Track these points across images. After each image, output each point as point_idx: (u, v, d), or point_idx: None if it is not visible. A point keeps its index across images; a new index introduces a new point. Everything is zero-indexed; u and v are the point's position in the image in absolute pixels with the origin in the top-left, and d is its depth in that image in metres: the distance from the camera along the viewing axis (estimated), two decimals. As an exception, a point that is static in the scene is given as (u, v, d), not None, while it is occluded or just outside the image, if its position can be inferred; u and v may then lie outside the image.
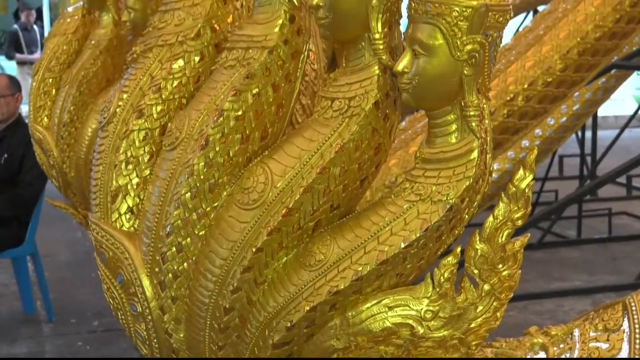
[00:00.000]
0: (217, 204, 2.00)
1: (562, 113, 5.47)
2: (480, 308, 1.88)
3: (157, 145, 2.18)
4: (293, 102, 2.05)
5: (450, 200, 1.80)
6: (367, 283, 1.84)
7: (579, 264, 6.40)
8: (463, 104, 1.80)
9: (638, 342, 2.03)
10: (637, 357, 2.02)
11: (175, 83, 2.20)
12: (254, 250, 1.92)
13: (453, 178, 1.81)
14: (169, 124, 2.15)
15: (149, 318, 2.12)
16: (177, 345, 2.12)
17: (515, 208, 1.83)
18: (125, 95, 2.25)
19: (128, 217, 2.19)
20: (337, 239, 1.89)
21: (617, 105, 11.43)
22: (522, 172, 1.83)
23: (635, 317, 2.07)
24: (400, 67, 1.80)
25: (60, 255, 6.53)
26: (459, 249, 1.84)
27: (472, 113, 1.79)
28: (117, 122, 2.23)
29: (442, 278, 1.84)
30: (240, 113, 1.98)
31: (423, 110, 1.96)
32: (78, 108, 3.69)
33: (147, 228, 2.12)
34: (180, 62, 2.20)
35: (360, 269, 1.83)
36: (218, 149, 1.98)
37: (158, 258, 2.07)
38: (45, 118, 3.93)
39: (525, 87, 4.52)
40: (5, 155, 5.03)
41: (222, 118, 1.98)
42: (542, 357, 2.06)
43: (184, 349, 2.12)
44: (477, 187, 1.83)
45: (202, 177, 1.99)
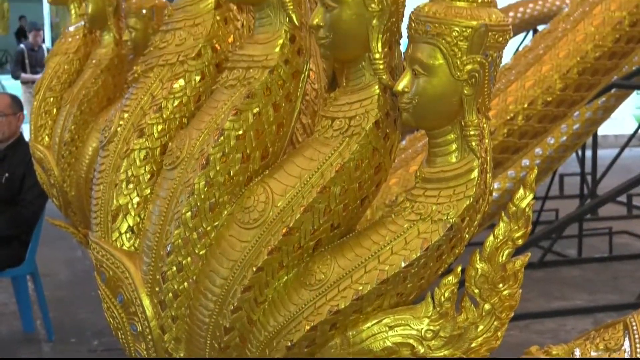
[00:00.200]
0: (217, 223, 2.00)
1: (562, 132, 5.49)
2: (481, 327, 1.87)
3: (157, 165, 2.18)
4: (294, 121, 2.05)
5: (451, 220, 1.80)
6: (367, 302, 1.84)
7: (580, 283, 6.39)
8: (463, 124, 1.80)
9: (639, 361, 2.03)
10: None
11: (176, 102, 2.20)
12: (255, 270, 1.91)
13: (453, 197, 1.81)
14: (170, 143, 2.16)
15: (149, 337, 2.12)
16: (177, 365, 2.12)
17: (516, 227, 1.83)
18: (126, 115, 2.25)
19: (128, 236, 2.19)
20: (337, 258, 1.89)
21: (617, 124, 11.44)
22: (522, 191, 1.83)
23: (637, 336, 2.06)
24: (401, 86, 1.80)
25: (60, 275, 6.52)
26: (460, 268, 1.84)
27: (472, 132, 1.80)
28: (118, 141, 2.24)
29: (442, 297, 1.83)
30: (241, 132, 1.98)
31: (423, 130, 1.96)
32: (79, 127, 3.70)
33: (147, 247, 2.12)
34: (181, 81, 2.21)
35: (361, 288, 1.83)
36: (219, 168, 1.98)
37: (158, 277, 2.07)
38: (46, 137, 3.94)
39: (525, 106, 4.52)
40: (6, 175, 5.03)
41: (222, 137, 1.98)
42: (543, 376, 2.06)
43: (184, 369, 2.12)
44: (477, 206, 1.83)
45: (202, 196, 1.99)
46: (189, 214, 2.00)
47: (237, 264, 1.94)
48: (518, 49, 6.64)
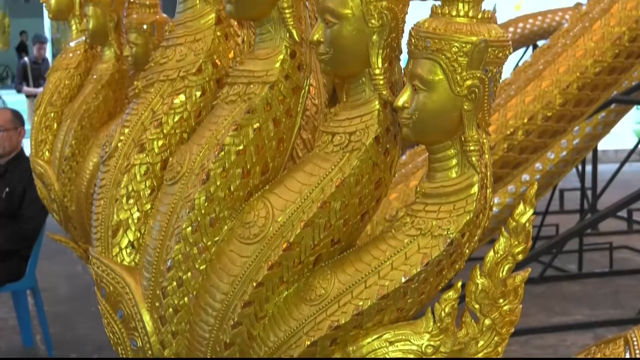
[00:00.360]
0: (218, 238, 2.00)
1: (562, 147, 5.50)
2: (482, 343, 1.87)
3: (158, 180, 2.19)
4: (294, 136, 2.06)
5: (451, 235, 1.80)
6: (368, 318, 1.84)
7: (581, 298, 6.38)
8: (463, 139, 1.80)
9: (640, 377, 2.02)
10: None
11: (177, 118, 2.20)
12: (255, 285, 1.91)
13: (453, 212, 1.81)
14: (170, 159, 2.16)
15: (150, 353, 2.12)
16: (177, 380, 2.11)
17: (516, 242, 1.83)
18: (127, 130, 2.25)
19: (129, 251, 2.19)
20: (337, 274, 1.89)
21: (617, 140, 11.45)
22: (522, 206, 1.83)
23: (637, 351, 2.06)
24: (401, 102, 1.81)
25: (60, 289, 6.52)
26: (460, 284, 1.84)
27: (472, 148, 1.80)
28: (118, 156, 2.24)
29: (443, 313, 1.83)
30: (242, 148, 1.99)
31: (423, 145, 1.96)
32: (79, 142, 3.71)
33: (147, 262, 2.12)
34: (182, 97, 2.22)
35: (361, 304, 1.82)
36: (219, 184, 1.98)
37: (159, 292, 2.07)
38: (47, 152, 3.95)
39: (525, 121, 4.53)
40: (7, 189, 5.04)
41: (223, 152, 1.99)
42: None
43: (184, 384, 2.11)
44: (477, 221, 1.83)
45: (203, 211, 1.99)
46: (190, 229, 2.00)
47: (237, 279, 1.94)
48: (518, 64, 6.67)
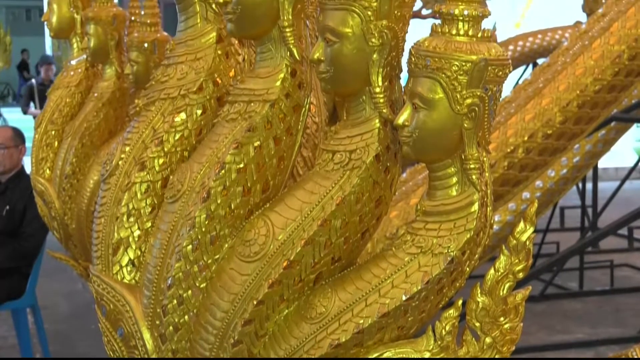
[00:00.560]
0: (218, 257, 2.00)
1: (562, 165, 5.50)
2: (482, 361, 1.87)
3: (159, 198, 2.19)
4: (294, 154, 2.06)
5: (451, 253, 1.80)
6: (368, 336, 1.84)
7: (582, 316, 6.37)
8: (463, 157, 1.81)
9: (641, 395, 2.02)
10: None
11: (178, 136, 2.21)
12: (255, 303, 1.91)
13: (454, 231, 1.81)
14: (171, 177, 2.16)
15: (149, 371, 2.11)
16: (177, 399, 2.11)
17: (517, 260, 1.83)
18: (128, 148, 2.26)
19: (129, 269, 2.19)
20: (338, 292, 1.89)
21: (617, 157, 11.45)
22: (522, 224, 1.83)
23: (638, 370, 2.06)
24: (401, 120, 1.81)
25: (60, 307, 6.50)
26: (461, 302, 1.84)
27: (472, 166, 1.80)
28: (119, 174, 2.24)
29: (443, 331, 1.83)
30: (242, 166, 1.99)
31: (423, 163, 1.97)
32: (80, 160, 3.71)
33: (148, 280, 2.12)
34: (183, 115, 2.22)
35: (362, 322, 1.82)
36: (220, 202, 1.99)
37: (159, 311, 2.07)
38: (48, 170, 3.95)
39: (526, 139, 4.54)
40: (7, 207, 5.03)
41: (223, 171, 1.99)
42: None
43: (184, 403, 2.11)
44: (478, 239, 1.83)
45: (203, 229, 1.99)
46: (190, 247, 2.00)
47: (237, 297, 1.94)
48: (518, 82, 6.68)
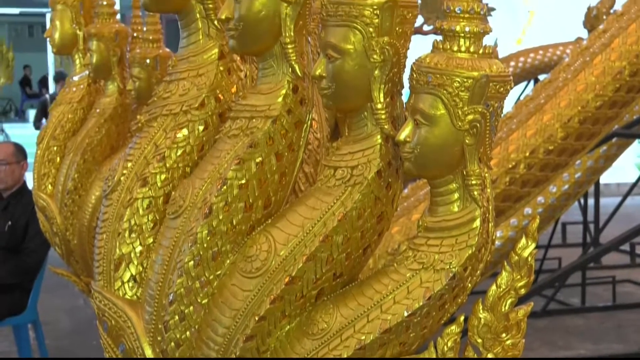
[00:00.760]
0: (220, 272, 2.00)
1: (564, 181, 5.50)
2: (485, 377, 1.86)
3: (160, 214, 2.19)
4: (296, 170, 2.06)
5: (453, 269, 1.80)
6: (370, 352, 1.83)
7: (584, 332, 6.35)
8: (465, 173, 1.81)
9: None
10: None
11: (180, 152, 2.21)
12: (257, 319, 1.91)
13: (456, 246, 1.81)
14: (173, 193, 2.16)
15: (151, 387, 2.11)
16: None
17: (518, 276, 1.83)
18: (130, 164, 2.26)
19: (131, 285, 2.19)
20: (340, 308, 1.89)
21: (619, 173, 11.44)
22: (524, 240, 1.82)
23: (641, 386, 2.05)
24: (402, 136, 1.82)
25: (62, 323, 6.49)
26: (462, 318, 1.84)
27: (473, 182, 1.80)
28: (121, 190, 2.25)
29: (445, 347, 1.83)
30: (244, 182, 1.99)
31: (425, 179, 1.97)
32: (82, 176, 3.72)
33: (149, 296, 2.12)
34: (185, 131, 2.23)
35: (364, 338, 1.82)
36: (221, 218, 1.99)
37: (160, 326, 2.07)
38: (50, 185, 3.95)
39: (527, 155, 4.54)
40: (9, 223, 5.03)
41: (225, 187, 1.99)
42: None
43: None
44: (479, 255, 1.83)
45: (205, 245, 1.99)
46: (192, 263, 2.00)
47: (239, 313, 1.94)
48: (519, 98, 6.68)
